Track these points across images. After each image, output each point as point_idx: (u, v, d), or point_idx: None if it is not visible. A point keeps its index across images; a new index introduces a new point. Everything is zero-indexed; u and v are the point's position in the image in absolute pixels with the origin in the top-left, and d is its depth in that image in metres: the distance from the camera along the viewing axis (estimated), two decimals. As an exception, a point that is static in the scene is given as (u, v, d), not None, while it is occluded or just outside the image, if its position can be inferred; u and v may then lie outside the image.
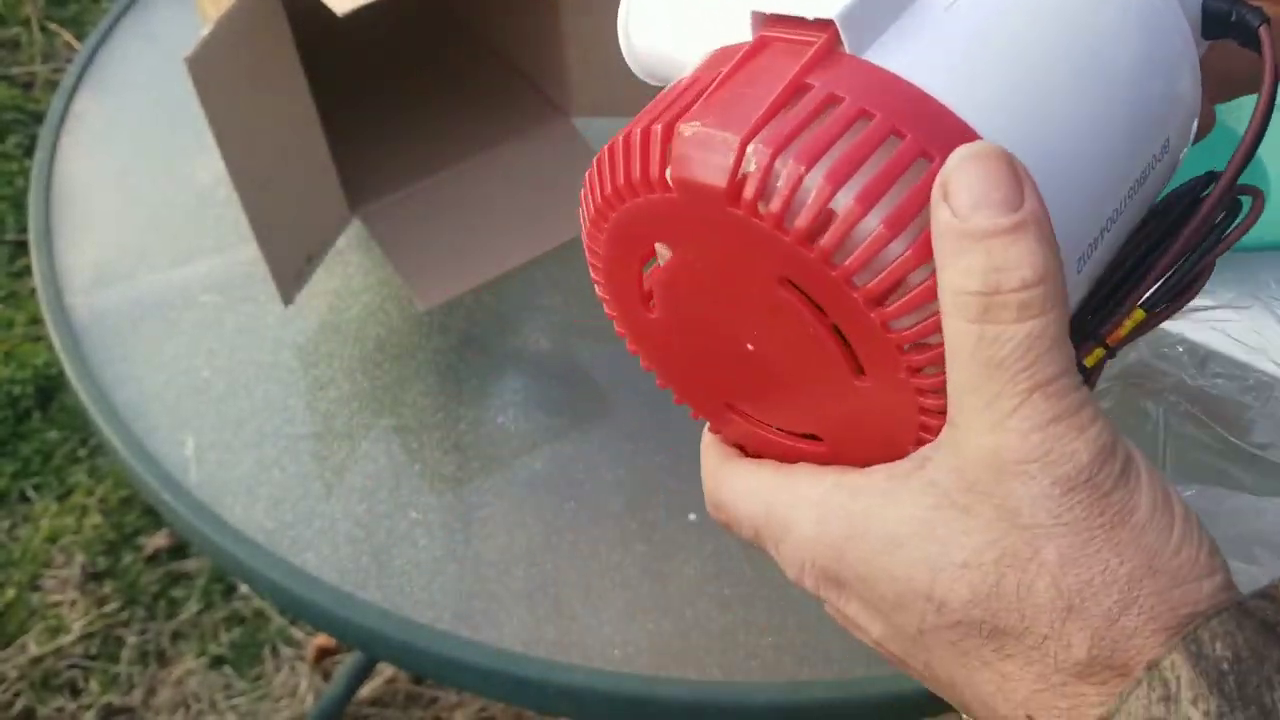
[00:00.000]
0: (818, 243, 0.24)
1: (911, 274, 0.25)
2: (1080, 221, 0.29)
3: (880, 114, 0.25)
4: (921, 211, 0.25)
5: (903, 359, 0.25)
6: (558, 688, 0.54)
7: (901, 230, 0.24)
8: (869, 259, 0.24)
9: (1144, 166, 0.30)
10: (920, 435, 0.26)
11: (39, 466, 1.43)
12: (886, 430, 0.27)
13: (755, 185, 0.24)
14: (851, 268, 0.24)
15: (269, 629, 1.29)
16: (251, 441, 0.63)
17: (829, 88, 0.25)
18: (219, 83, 0.55)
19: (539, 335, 0.68)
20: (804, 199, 0.24)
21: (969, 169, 0.24)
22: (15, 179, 1.76)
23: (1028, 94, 0.27)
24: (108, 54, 0.88)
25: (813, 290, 0.26)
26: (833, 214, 0.24)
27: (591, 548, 0.58)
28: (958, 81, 0.26)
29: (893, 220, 0.24)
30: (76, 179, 0.79)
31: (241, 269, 0.72)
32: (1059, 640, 0.24)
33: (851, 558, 0.26)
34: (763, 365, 0.28)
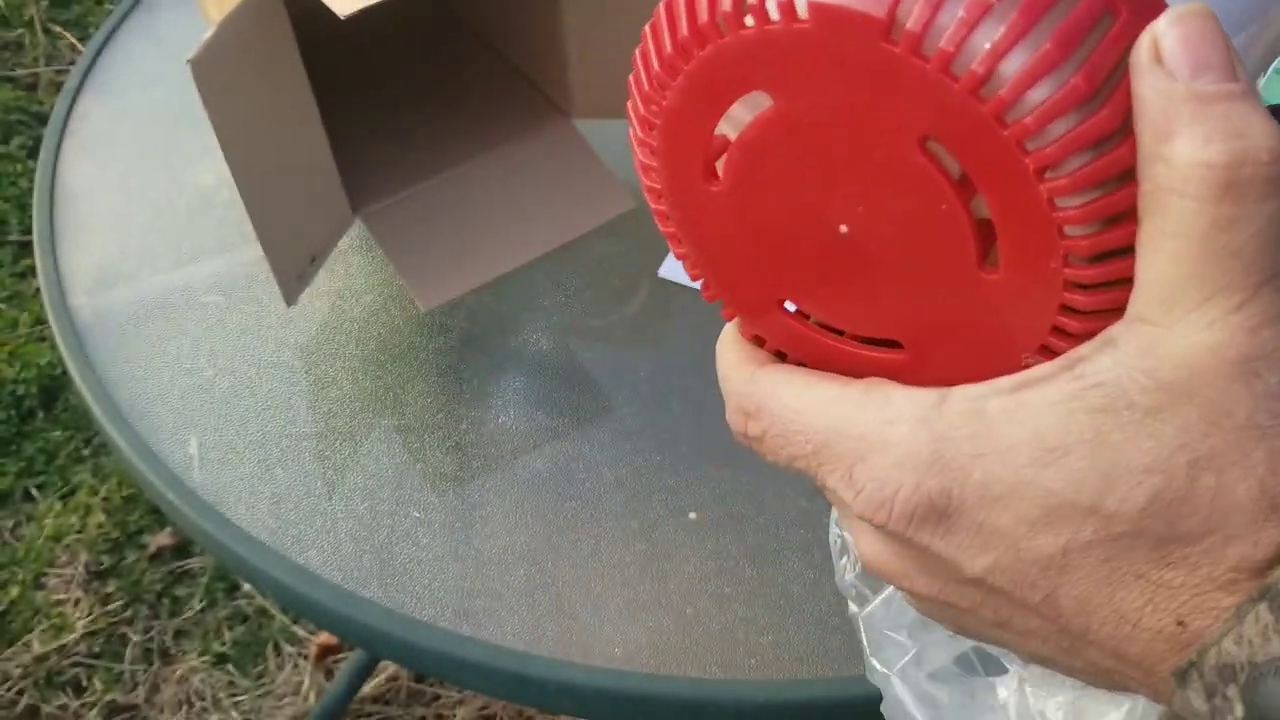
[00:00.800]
0: (992, 93, 0.21)
1: (1100, 142, 0.21)
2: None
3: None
4: (1113, 71, 0.21)
5: (1061, 244, 0.22)
6: (558, 685, 0.54)
7: (1097, 87, 0.21)
8: (1050, 119, 0.20)
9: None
10: (1049, 341, 0.23)
11: (43, 466, 1.44)
12: (999, 336, 0.24)
13: (921, 18, 0.21)
14: (1029, 127, 0.21)
15: (272, 627, 1.29)
16: (254, 441, 0.64)
17: None
18: (222, 84, 0.55)
19: (539, 335, 0.69)
20: (982, 42, 0.20)
21: (1185, 29, 0.21)
22: (19, 180, 1.77)
23: None
24: (111, 56, 0.89)
25: (965, 154, 0.22)
26: (1015, 62, 0.20)
27: (592, 546, 0.59)
28: None
29: (1091, 73, 0.20)
30: (80, 180, 0.79)
31: (244, 269, 0.73)
32: (1247, 540, 0.22)
33: (981, 477, 0.23)
34: (852, 251, 0.24)
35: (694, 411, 0.64)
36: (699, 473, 0.61)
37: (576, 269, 0.72)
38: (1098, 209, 0.21)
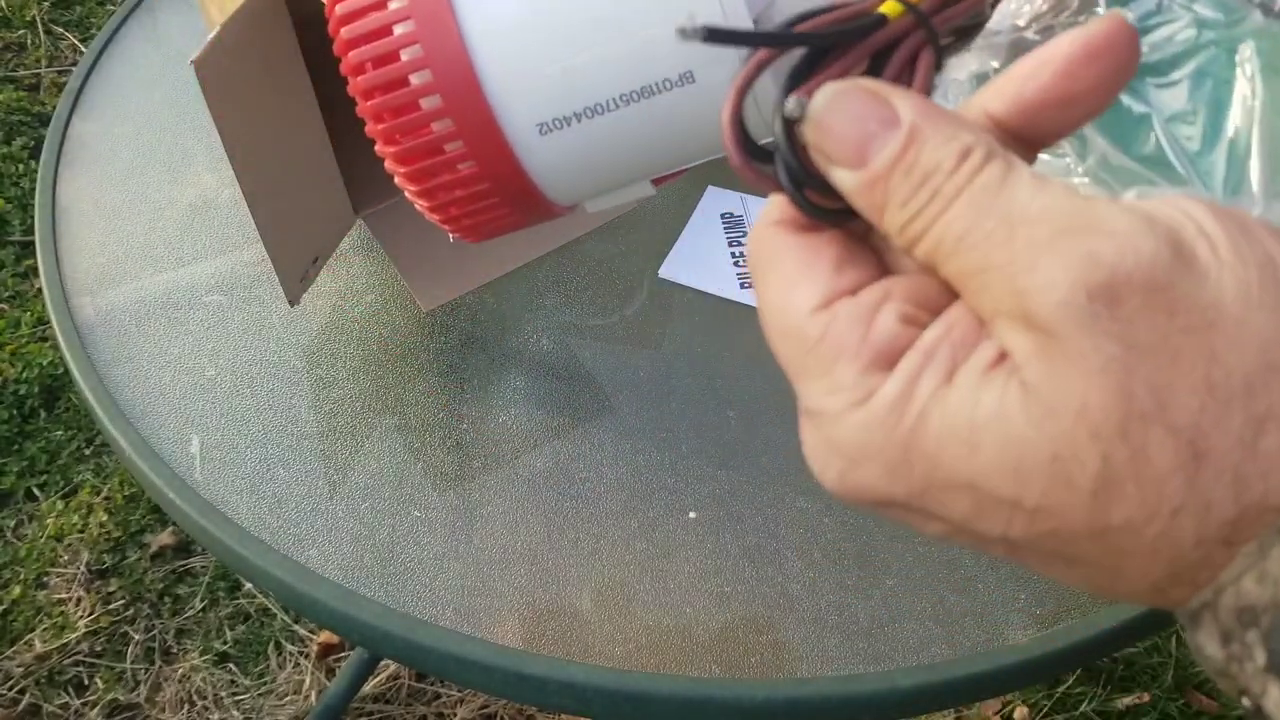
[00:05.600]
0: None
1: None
2: (551, 86, 0.32)
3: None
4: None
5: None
6: (559, 684, 0.54)
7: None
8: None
9: (650, 79, 0.32)
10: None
11: (45, 465, 1.44)
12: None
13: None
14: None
15: (273, 626, 1.30)
16: (256, 440, 0.64)
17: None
18: (225, 86, 0.55)
19: (540, 335, 0.69)
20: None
21: (834, 120, 0.23)
22: (21, 180, 1.77)
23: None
24: (113, 57, 0.89)
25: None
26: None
27: (592, 545, 0.59)
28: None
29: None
30: (82, 181, 0.80)
31: (246, 269, 0.73)
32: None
33: (917, 470, 0.23)
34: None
35: (694, 411, 0.64)
36: (699, 473, 0.62)
37: (576, 269, 0.72)
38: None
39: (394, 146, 0.35)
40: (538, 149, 0.34)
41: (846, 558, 0.58)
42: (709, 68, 0.32)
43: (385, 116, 0.35)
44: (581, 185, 0.37)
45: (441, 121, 0.34)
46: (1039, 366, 0.21)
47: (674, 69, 0.32)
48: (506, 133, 0.34)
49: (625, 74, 0.33)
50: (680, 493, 0.61)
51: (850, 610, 0.56)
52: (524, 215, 0.37)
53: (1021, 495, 0.21)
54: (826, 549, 0.59)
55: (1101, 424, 0.20)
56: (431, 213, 0.37)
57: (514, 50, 0.33)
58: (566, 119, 0.33)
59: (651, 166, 0.36)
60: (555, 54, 0.33)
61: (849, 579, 0.57)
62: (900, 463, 0.23)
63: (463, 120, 0.34)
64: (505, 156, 0.34)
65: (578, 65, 0.33)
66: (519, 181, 0.35)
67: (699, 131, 0.34)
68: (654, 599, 0.57)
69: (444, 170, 0.35)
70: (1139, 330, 0.20)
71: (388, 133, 0.35)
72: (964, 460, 0.22)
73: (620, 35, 0.32)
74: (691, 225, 0.74)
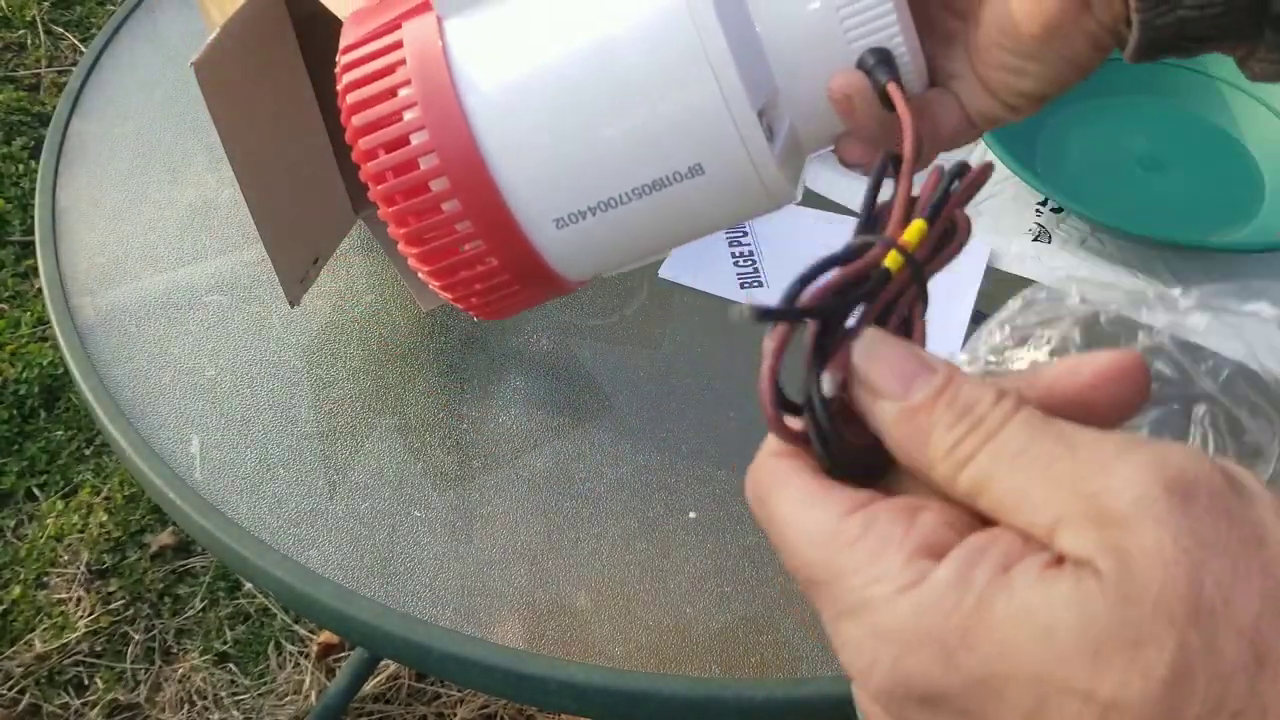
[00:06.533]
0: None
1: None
2: (565, 186, 0.35)
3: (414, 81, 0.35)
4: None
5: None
6: (559, 684, 0.54)
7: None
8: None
9: (660, 174, 0.34)
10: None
11: (45, 465, 1.44)
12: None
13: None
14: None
15: (273, 626, 1.30)
16: (256, 440, 0.64)
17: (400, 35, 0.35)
18: (225, 87, 0.55)
19: (540, 335, 0.69)
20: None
21: (878, 360, 0.26)
22: (21, 180, 1.77)
23: (532, 75, 0.34)
24: (113, 57, 0.89)
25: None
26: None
27: (592, 545, 0.59)
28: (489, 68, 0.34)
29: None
30: (82, 180, 0.80)
31: (246, 269, 0.73)
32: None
33: (969, 660, 0.23)
34: None
35: (694, 411, 0.64)
36: (699, 473, 0.62)
37: (577, 269, 0.72)
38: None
39: (418, 247, 0.37)
40: (555, 240, 0.36)
41: (846, 558, 0.58)
42: (718, 162, 0.34)
43: (409, 220, 0.36)
44: (598, 265, 0.39)
45: (462, 223, 0.36)
46: (1114, 558, 0.21)
47: (684, 163, 0.34)
48: (525, 229, 0.36)
49: (636, 171, 0.35)
50: (680, 493, 0.61)
51: (850, 610, 0.56)
52: (542, 294, 0.39)
53: (1096, 686, 0.21)
54: (826, 549, 0.59)
55: (1177, 610, 0.21)
56: (456, 302, 0.39)
57: (528, 155, 0.35)
58: (582, 213, 0.35)
59: (664, 246, 0.38)
60: (569, 157, 0.35)
61: (849, 579, 0.57)
62: (959, 648, 0.22)
63: (481, 221, 0.36)
64: (525, 251, 0.36)
65: (590, 166, 0.35)
66: (539, 270, 0.37)
67: (710, 213, 0.36)
68: (654, 599, 0.57)
69: (466, 266, 0.37)
70: (1206, 528, 0.21)
71: (411, 235, 0.37)
72: (1035, 646, 0.21)
73: (630, 137, 0.34)
74: (691, 225, 0.74)
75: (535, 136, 0.35)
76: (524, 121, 0.35)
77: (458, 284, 0.38)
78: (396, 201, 0.36)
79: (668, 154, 0.34)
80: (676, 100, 0.34)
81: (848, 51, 0.35)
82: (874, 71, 0.34)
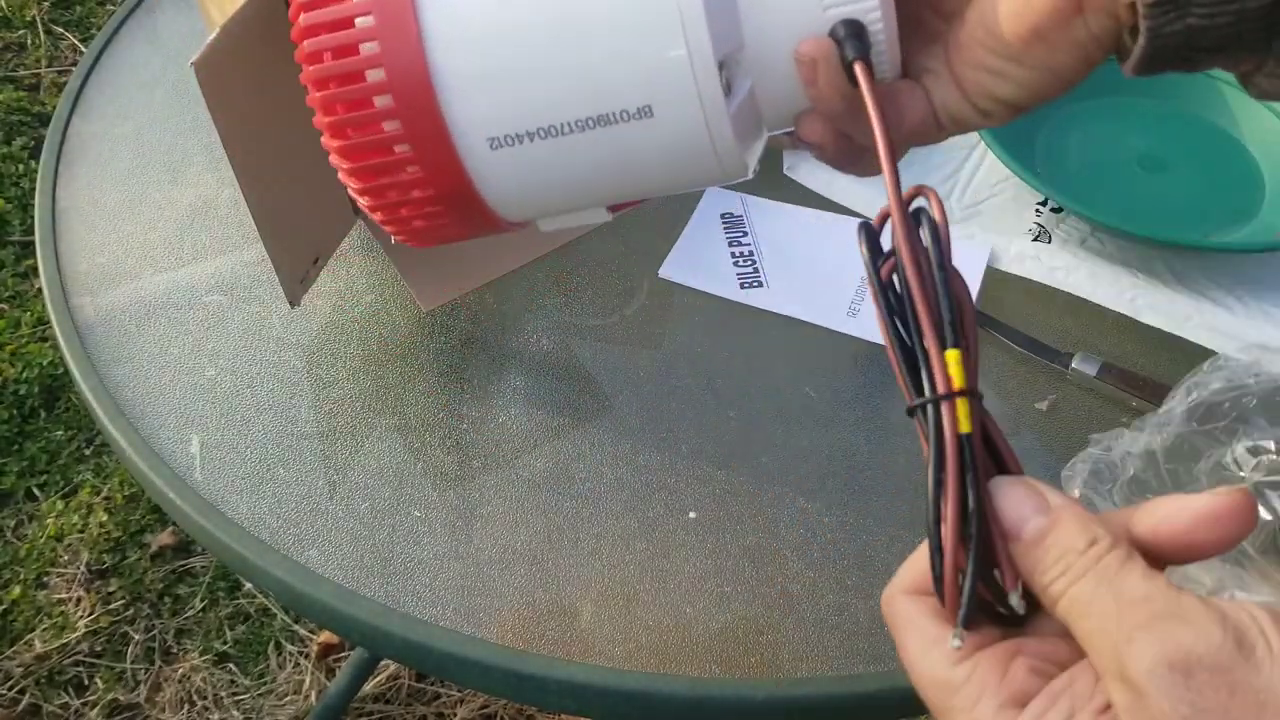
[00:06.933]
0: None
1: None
2: (506, 101, 0.33)
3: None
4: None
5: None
6: (559, 684, 0.54)
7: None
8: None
9: (608, 108, 0.33)
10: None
11: (45, 465, 1.44)
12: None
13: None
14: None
15: (273, 626, 1.30)
16: (256, 440, 0.64)
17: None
18: (225, 87, 0.55)
19: (540, 335, 0.69)
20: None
21: (1004, 501, 0.31)
22: (21, 180, 1.77)
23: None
24: (113, 57, 0.89)
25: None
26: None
27: (592, 545, 0.59)
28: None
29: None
30: (82, 180, 0.80)
31: (246, 269, 0.73)
32: None
33: None
34: None
35: (694, 411, 0.64)
36: (699, 473, 0.62)
37: (576, 269, 0.72)
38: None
39: (341, 140, 0.35)
40: (487, 162, 0.34)
41: (846, 558, 0.58)
42: (669, 106, 0.33)
43: (337, 109, 0.34)
44: (530, 204, 0.36)
45: (392, 122, 0.34)
46: (1132, 716, 0.27)
47: (633, 101, 0.33)
48: (456, 142, 0.34)
49: (583, 99, 0.33)
50: (680, 493, 0.61)
51: (850, 610, 0.56)
52: (468, 226, 0.37)
53: None
54: (826, 549, 0.59)
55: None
56: (373, 211, 0.37)
57: (472, 61, 0.33)
58: (519, 136, 0.33)
59: (604, 194, 0.36)
60: (514, 70, 0.33)
61: (849, 579, 0.57)
62: None
63: (413, 124, 0.33)
64: (453, 166, 0.34)
65: (535, 84, 0.33)
66: (465, 192, 0.35)
67: (654, 166, 0.34)
68: (654, 599, 0.57)
69: (390, 171, 0.35)
70: (1205, 699, 0.26)
71: (336, 126, 0.35)
72: None
73: (581, 60, 0.32)
74: (692, 225, 0.74)
75: (482, 45, 0.33)
76: (472, 28, 0.33)
77: (382, 189, 0.35)
78: (327, 87, 0.34)
79: (618, 88, 0.32)
80: (635, 32, 0.32)
81: (822, 19, 0.33)
82: (844, 43, 0.33)
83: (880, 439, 0.63)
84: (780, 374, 0.66)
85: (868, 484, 0.61)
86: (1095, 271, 0.70)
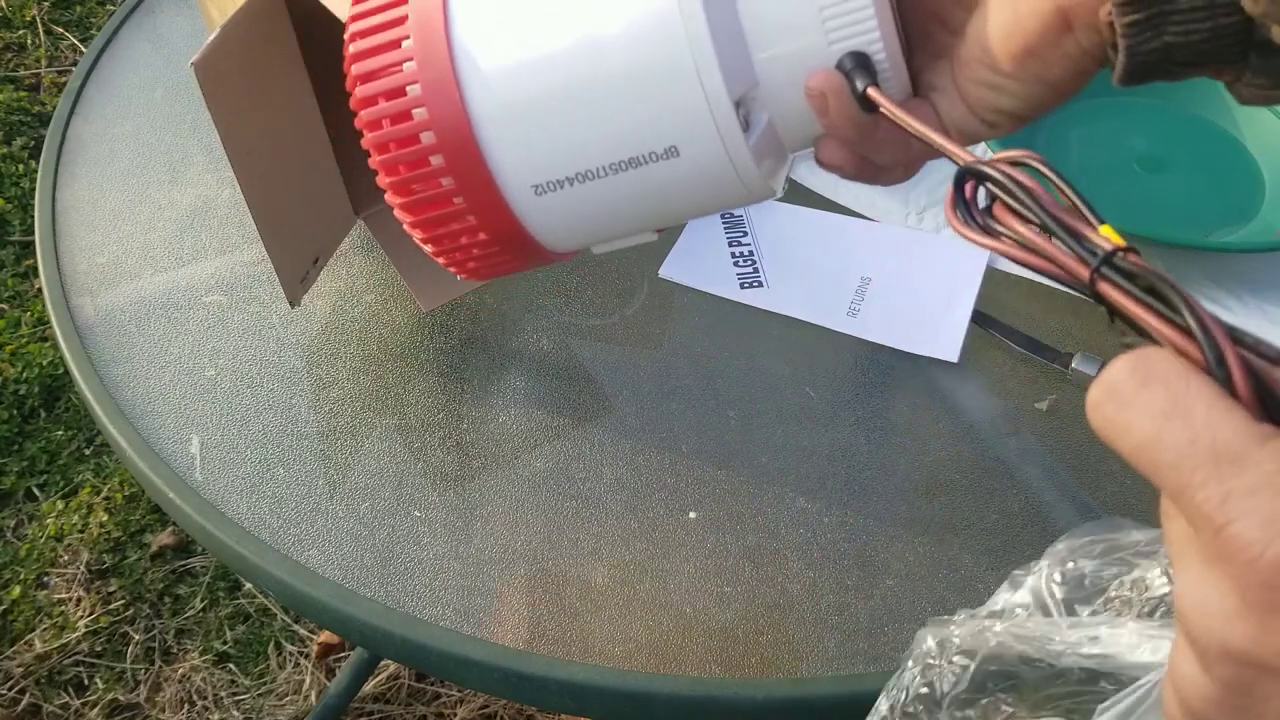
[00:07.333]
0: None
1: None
2: (545, 154, 0.36)
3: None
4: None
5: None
6: (559, 684, 0.54)
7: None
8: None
9: (636, 152, 0.36)
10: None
11: (45, 465, 1.44)
12: None
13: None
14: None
15: (273, 626, 1.30)
16: (256, 440, 0.64)
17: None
18: (225, 86, 0.55)
19: (540, 335, 0.69)
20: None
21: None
22: (21, 180, 1.77)
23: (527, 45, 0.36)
24: (113, 57, 0.89)
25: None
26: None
27: (592, 545, 0.59)
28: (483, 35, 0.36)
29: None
30: (82, 180, 0.80)
31: (246, 269, 0.73)
32: None
33: None
34: None
35: (694, 411, 0.64)
36: (699, 473, 0.62)
37: (576, 269, 0.72)
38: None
39: (404, 197, 0.38)
40: (534, 206, 0.38)
41: (846, 558, 0.58)
42: (693, 146, 0.36)
43: (399, 169, 0.38)
44: (577, 236, 0.40)
45: (446, 178, 0.37)
46: None
47: (659, 144, 0.36)
48: (504, 193, 0.38)
49: (614, 147, 0.36)
50: (680, 493, 0.61)
51: (850, 610, 0.56)
52: (525, 261, 0.41)
53: None
54: (826, 549, 0.59)
55: None
56: (437, 256, 0.41)
57: (512, 123, 0.37)
58: (559, 182, 0.37)
59: (645, 223, 0.40)
60: (548, 128, 0.36)
61: (849, 579, 0.57)
62: None
63: (464, 179, 0.37)
64: (504, 214, 0.38)
65: (568, 138, 0.36)
66: (518, 235, 0.39)
67: (687, 197, 0.38)
68: (654, 599, 0.57)
69: (449, 221, 0.39)
70: None
71: (399, 185, 0.38)
72: None
73: (607, 114, 0.36)
74: (692, 225, 0.74)
75: (519, 105, 0.36)
76: (509, 91, 0.36)
77: (443, 237, 0.39)
78: (389, 149, 0.38)
79: (644, 134, 0.36)
80: (654, 83, 0.35)
81: (828, 53, 0.36)
82: (852, 74, 0.36)
83: (880, 439, 0.63)
84: (780, 374, 0.66)
85: (868, 484, 0.61)
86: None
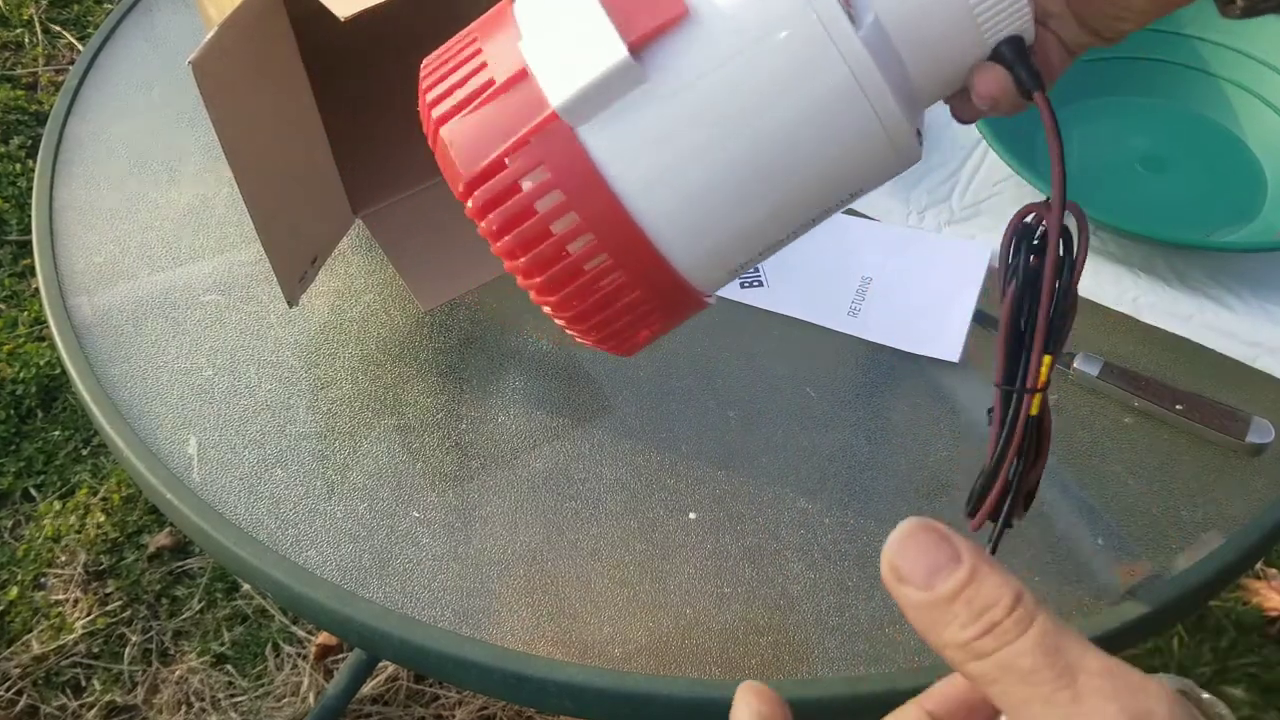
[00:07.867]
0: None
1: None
2: (750, 239, 0.35)
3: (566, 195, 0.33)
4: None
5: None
6: (558, 686, 0.54)
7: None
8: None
9: (826, 208, 0.36)
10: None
11: (42, 466, 1.44)
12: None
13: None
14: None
15: (271, 627, 1.30)
16: (254, 440, 0.64)
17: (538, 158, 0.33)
18: (223, 85, 0.55)
19: (540, 335, 0.69)
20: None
21: (908, 549, 0.27)
22: (18, 180, 1.77)
23: (697, 175, 0.33)
24: (110, 56, 0.89)
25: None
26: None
27: (592, 546, 0.59)
28: (642, 174, 0.33)
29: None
30: (79, 180, 0.79)
31: (244, 269, 0.73)
32: None
33: None
34: None
35: (694, 412, 0.64)
36: (699, 473, 0.61)
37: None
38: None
39: (572, 310, 0.36)
40: (715, 280, 0.37)
41: (846, 559, 0.58)
42: (874, 181, 0.35)
43: (574, 303, 0.35)
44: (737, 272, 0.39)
45: (630, 294, 0.35)
46: None
47: (846, 190, 0.35)
48: (696, 289, 0.36)
49: (809, 210, 0.35)
50: (680, 493, 0.61)
51: (850, 611, 0.56)
52: (683, 315, 0.39)
53: None
54: (827, 550, 0.58)
55: None
56: (600, 345, 0.38)
57: (700, 239, 0.34)
58: (748, 262, 0.36)
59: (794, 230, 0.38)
60: (739, 231, 0.35)
61: (849, 580, 0.57)
62: None
63: (650, 291, 0.35)
64: (684, 301, 0.36)
65: (762, 227, 0.35)
66: (695, 305, 0.37)
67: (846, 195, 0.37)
68: (653, 600, 0.57)
69: (623, 313, 0.36)
70: None
71: (581, 312, 0.36)
72: None
73: (800, 200, 0.35)
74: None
75: (701, 220, 0.34)
76: (678, 199, 0.34)
77: (611, 334, 0.37)
78: (576, 305, 0.35)
79: (837, 189, 0.35)
80: (846, 148, 0.34)
81: (984, 48, 0.35)
82: (1014, 68, 0.36)
83: (880, 439, 0.63)
84: (780, 374, 0.66)
85: (868, 484, 0.61)
86: (1097, 271, 0.70)
